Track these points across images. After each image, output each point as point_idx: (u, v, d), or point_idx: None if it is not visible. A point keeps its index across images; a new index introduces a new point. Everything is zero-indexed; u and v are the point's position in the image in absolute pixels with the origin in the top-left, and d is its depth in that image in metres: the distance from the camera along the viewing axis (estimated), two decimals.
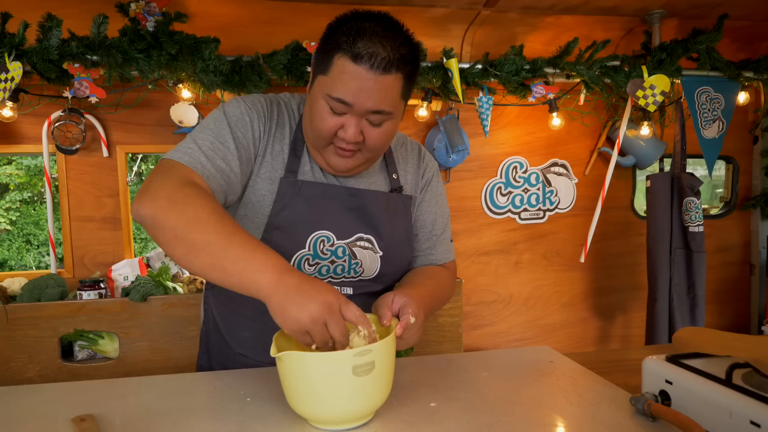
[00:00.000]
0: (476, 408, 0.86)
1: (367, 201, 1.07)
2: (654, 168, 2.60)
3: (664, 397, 0.82)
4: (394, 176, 1.14)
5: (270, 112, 1.05)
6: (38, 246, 8.29)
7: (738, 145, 2.73)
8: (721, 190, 2.92)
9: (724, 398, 0.71)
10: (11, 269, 7.97)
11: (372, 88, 0.90)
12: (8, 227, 8.19)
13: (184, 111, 2.07)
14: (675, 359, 0.84)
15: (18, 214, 8.27)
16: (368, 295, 1.10)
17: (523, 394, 0.91)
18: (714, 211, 2.88)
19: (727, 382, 0.74)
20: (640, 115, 2.37)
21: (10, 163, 8.01)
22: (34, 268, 8.09)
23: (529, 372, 1.02)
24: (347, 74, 0.90)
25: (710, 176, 2.38)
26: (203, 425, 0.81)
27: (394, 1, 2.05)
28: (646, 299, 2.41)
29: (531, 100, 2.21)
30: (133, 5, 1.80)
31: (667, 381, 0.81)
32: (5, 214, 8.12)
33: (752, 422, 0.66)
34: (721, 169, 2.91)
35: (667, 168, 2.50)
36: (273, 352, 0.78)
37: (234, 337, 1.14)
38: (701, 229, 2.27)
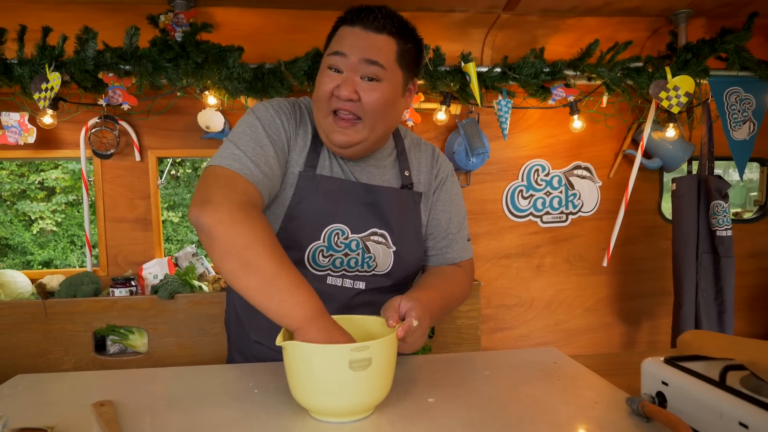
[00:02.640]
0: (472, 404, 0.88)
1: (381, 197, 1.11)
2: (682, 170, 2.54)
3: (661, 398, 0.82)
4: (406, 173, 1.17)
5: (294, 113, 1.11)
6: (81, 246, 8.67)
7: None
8: (755, 193, 2.83)
9: (715, 400, 0.71)
10: (56, 268, 8.37)
11: (365, 43, 1.00)
12: (54, 228, 8.60)
13: (210, 117, 2.16)
14: (672, 361, 0.84)
15: (63, 216, 8.68)
16: (380, 291, 1.14)
17: (521, 393, 0.93)
18: (748, 215, 2.78)
19: (719, 384, 0.74)
20: (666, 116, 2.33)
21: (56, 167, 8.42)
22: (77, 267, 8.46)
23: (531, 372, 1.04)
24: (344, 34, 1.02)
25: (741, 179, 2.31)
26: (212, 412, 0.86)
27: (413, 6, 2.08)
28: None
29: (551, 102, 2.20)
30: (162, 17, 1.89)
31: (663, 382, 0.82)
32: (52, 216, 8.54)
33: (741, 423, 0.66)
34: (755, 171, 2.81)
35: (694, 171, 2.44)
36: (279, 340, 0.82)
37: (252, 325, 1.19)
38: (729, 233, 2.20)
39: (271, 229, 0.91)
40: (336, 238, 1.08)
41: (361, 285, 1.13)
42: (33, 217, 8.47)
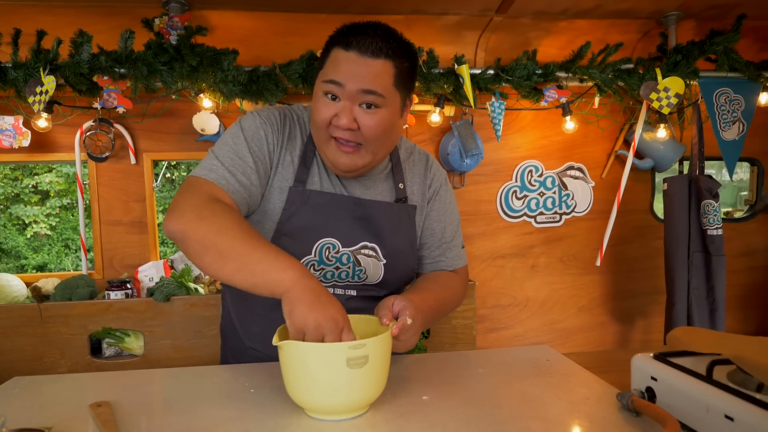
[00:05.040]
0: (466, 401, 0.89)
1: (372, 211, 1.11)
2: (674, 170, 2.57)
3: (651, 393, 0.84)
4: (401, 186, 1.17)
5: (283, 126, 1.10)
6: (76, 250, 8.63)
7: (763, 147, 2.67)
8: (745, 192, 2.86)
9: (701, 393, 0.73)
10: (51, 272, 8.30)
11: (362, 71, 0.97)
12: (48, 232, 8.56)
13: (205, 119, 2.16)
14: (661, 357, 0.85)
15: (57, 219, 8.64)
16: (371, 299, 1.13)
17: (515, 390, 0.94)
18: (738, 215, 2.81)
19: (706, 378, 0.75)
20: (657, 117, 2.36)
21: (50, 171, 8.39)
22: (72, 271, 8.40)
23: (525, 369, 1.05)
24: (339, 60, 0.98)
25: (731, 178, 2.34)
26: (208, 411, 0.87)
27: (407, 9, 2.09)
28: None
29: (544, 104, 2.22)
30: (157, 20, 1.90)
31: (652, 378, 0.83)
32: (46, 219, 8.49)
33: (726, 416, 0.68)
34: (746, 171, 2.85)
35: (686, 171, 2.47)
36: (275, 341, 0.83)
37: (246, 332, 1.20)
38: (720, 232, 2.23)
39: (238, 214, 0.92)
40: (327, 252, 1.08)
41: (352, 292, 1.14)
42: (27, 221, 8.42)
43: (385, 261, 1.12)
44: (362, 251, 1.10)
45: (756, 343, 0.81)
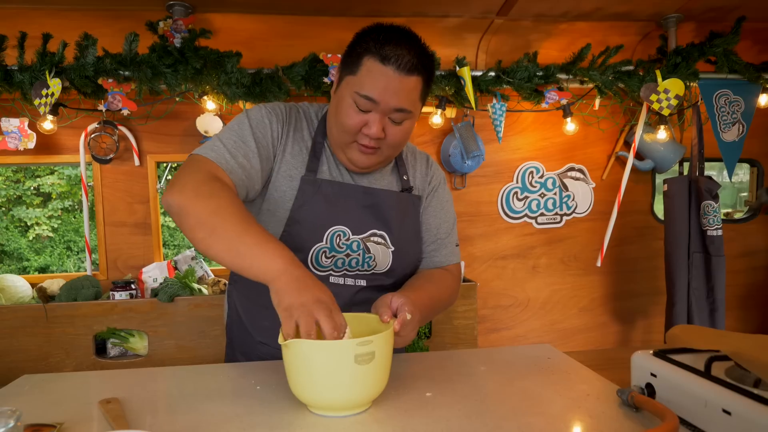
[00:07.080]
0: (469, 397, 0.91)
1: (380, 199, 1.15)
2: (674, 171, 2.59)
3: (650, 389, 0.85)
4: (405, 177, 1.21)
5: (288, 117, 1.14)
6: (78, 252, 8.64)
7: (763, 148, 2.68)
8: (745, 193, 2.87)
9: (700, 389, 0.74)
10: (53, 274, 8.31)
11: (397, 87, 1.00)
12: (50, 234, 8.58)
13: (209, 121, 2.18)
14: (661, 354, 0.87)
15: (59, 221, 8.66)
16: (379, 288, 1.17)
17: (516, 386, 0.96)
18: (738, 215, 2.83)
19: (704, 374, 0.77)
20: (657, 119, 2.37)
21: (52, 173, 8.41)
22: (74, 273, 8.41)
23: (526, 367, 1.06)
24: (375, 73, 0.99)
25: (730, 179, 2.35)
26: (215, 408, 0.89)
27: (408, 12, 2.12)
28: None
29: (544, 105, 2.24)
30: (161, 23, 1.92)
31: (652, 374, 0.85)
32: (48, 221, 8.51)
33: (724, 410, 0.69)
34: (746, 172, 2.86)
35: (685, 172, 2.49)
36: (280, 339, 0.84)
37: (255, 327, 1.22)
38: (720, 232, 2.24)
39: (236, 196, 0.95)
40: (338, 240, 1.11)
41: (362, 282, 1.16)
42: (29, 223, 8.45)
43: (393, 248, 1.15)
44: (371, 239, 1.13)
45: (753, 340, 0.82)
